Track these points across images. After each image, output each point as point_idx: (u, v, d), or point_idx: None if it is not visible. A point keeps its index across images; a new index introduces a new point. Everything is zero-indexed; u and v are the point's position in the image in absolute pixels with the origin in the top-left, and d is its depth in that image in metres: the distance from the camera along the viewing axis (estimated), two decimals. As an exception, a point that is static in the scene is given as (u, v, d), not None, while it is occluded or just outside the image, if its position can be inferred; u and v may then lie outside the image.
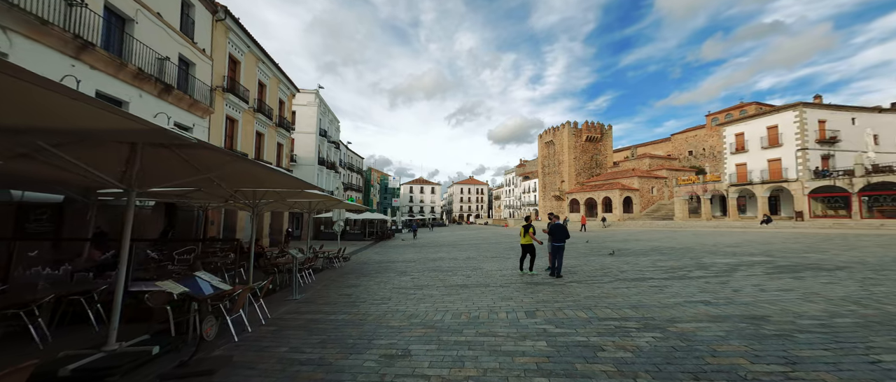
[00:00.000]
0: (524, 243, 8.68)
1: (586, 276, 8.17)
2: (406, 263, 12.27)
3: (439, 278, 8.74)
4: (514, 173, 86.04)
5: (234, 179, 5.40)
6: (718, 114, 55.40)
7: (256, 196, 7.05)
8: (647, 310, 5.11)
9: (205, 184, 5.27)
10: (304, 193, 8.48)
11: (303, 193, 8.38)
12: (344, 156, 45.24)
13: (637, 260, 10.84)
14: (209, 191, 6.68)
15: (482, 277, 8.59)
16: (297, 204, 10.92)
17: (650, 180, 48.32)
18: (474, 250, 16.56)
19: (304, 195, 8.82)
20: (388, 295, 6.90)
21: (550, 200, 61.98)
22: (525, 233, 8.66)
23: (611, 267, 9.47)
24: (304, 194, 8.72)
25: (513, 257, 12.62)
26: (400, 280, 8.70)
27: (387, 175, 73.15)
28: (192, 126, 13.36)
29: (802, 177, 26.44)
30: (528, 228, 8.65)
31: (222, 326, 4.50)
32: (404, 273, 9.87)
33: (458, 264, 11.40)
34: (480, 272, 9.45)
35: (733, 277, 7.57)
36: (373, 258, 14.66)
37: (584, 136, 58.94)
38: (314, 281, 8.76)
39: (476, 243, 21.38)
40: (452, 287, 7.52)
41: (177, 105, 12.36)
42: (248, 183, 5.73)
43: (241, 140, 17.33)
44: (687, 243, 16.10)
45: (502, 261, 11.55)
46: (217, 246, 12.05)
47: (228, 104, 16.00)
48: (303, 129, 31.22)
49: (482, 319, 4.99)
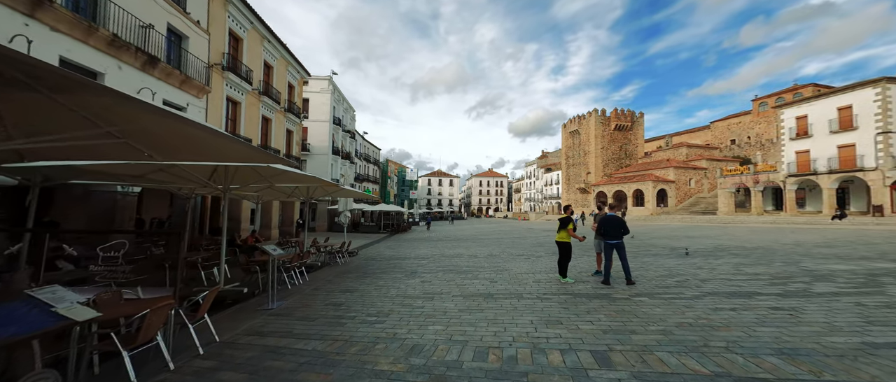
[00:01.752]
0: (560, 241, 6.70)
1: (654, 286, 6.12)
2: (418, 260, 10.57)
3: (456, 282, 6.96)
4: (536, 165, 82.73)
5: (162, 144, 3.75)
6: (767, 98, 50.09)
7: (208, 174, 5.48)
8: (809, 360, 3.07)
9: (117, 150, 3.65)
10: (288, 176, 6.89)
11: (286, 176, 6.78)
12: (360, 146, 44.18)
13: (709, 263, 8.61)
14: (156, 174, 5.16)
15: (511, 283, 6.73)
16: (295, 191, 9.43)
17: (687, 171, 44.34)
18: (496, 245, 14.67)
19: (291, 179, 7.23)
20: (388, 308, 5.19)
21: (575, 193, 58.74)
22: (562, 228, 6.69)
23: (680, 272, 7.35)
24: (289, 177, 7.13)
25: (545, 256, 10.64)
26: (407, 284, 6.98)
27: (404, 167, 72.01)
28: (185, 106, 12.14)
29: (884, 165, 22.53)
30: (567, 223, 6.66)
31: (117, 364, 2.91)
32: (414, 273, 8.15)
33: (479, 263, 9.58)
34: (507, 275, 7.59)
35: (890, 293, 5.32)
36: (383, 253, 13.09)
37: (613, 125, 55.10)
38: (304, 283, 7.20)
39: (497, 237, 19.47)
40: (473, 297, 5.72)
41: (166, 81, 11.11)
42: (188, 152, 4.09)
43: (245, 124, 16.13)
44: (756, 242, 13.49)
45: (532, 261, 9.61)
46: (159, 239, 10.79)
47: (229, 84, 14.75)
48: (316, 118, 30.12)
49: (523, 363, 3.15)
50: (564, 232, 6.61)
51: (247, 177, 6.31)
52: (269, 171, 6.02)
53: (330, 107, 30.69)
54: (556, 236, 6.78)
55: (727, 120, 55.25)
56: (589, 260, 9.28)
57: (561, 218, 6.81)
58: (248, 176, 6.23)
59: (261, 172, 6.06)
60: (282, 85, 19.93)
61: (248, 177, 6.39)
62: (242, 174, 6.25)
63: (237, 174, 6.02)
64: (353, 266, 9.85)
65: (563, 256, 6.67)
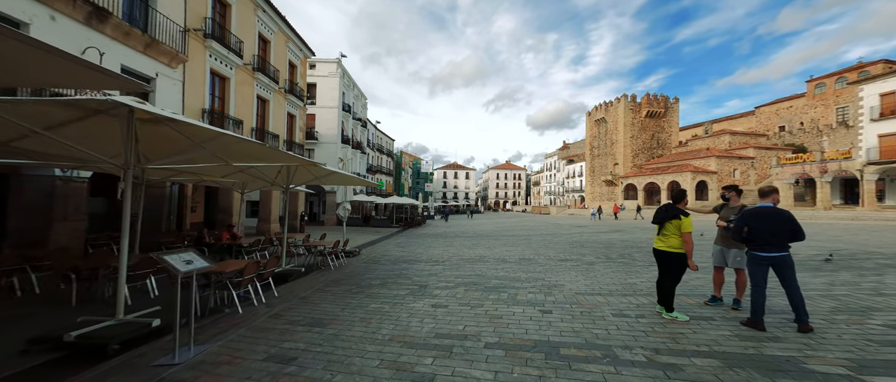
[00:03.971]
0: (664, 249, 4.05)
1: (853, 338, 3.48)
2: (431, 265, 8.22)
3: (486, 310, 4.53)
4: (557, 156, 78.74)
5: None
6: (824, 78, 44.52)
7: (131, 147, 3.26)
8: None
9: None
10: (235, 148, 4.65)
11: (229, 147, 4.54)
12: (372, 135, 42.18)
13: (883, 280, 5.80)
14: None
15: (576, 317, 4.23)
16: (277, 176, 7.26)
17: (731, 161, 39.90)
18: (525, 244, 12.13)
19: (241, 152, 5.00)
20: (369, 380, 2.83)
21: (600, 186, 54.91)
22: (662, 228, 4.08)
23: (858, 300, 4.63)
24: (239, 150, 4.90)
25: (598, 263, 8.04)
26: (411, 310, 4.61)
27: (419, 159, 69.87)
28: (154, 75, 10.15)
29: None
30: (673, 217, 4.02)
31: None
32: (423, 290, 5.77)
33: (512, 271, 7.11)
34: (562, 297, 5.09)
35: None
36: (390, 253, 10.82)
37: (644, 112, 50.74)
38: (264, 305, 4.96)
39: (524, 234, 16.89)
40: (521, 351, 3.28)
41: (123, 41, 9.09)
42: None
43: (236, 103, 14.15)
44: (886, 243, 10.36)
45: (586, 272, 7.05)
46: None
47: (213, 55, 12.72)
48: (324, 104, 28.16)
49: None
50: (675, 234, 3.97)
51: (160, 143, 4.09)
52: (194, 133, 3.76)
53: (339, 93, 28.62)
54: (658, 241, 4.11)
55: (775, 104, 49.76)
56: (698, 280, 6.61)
57: (663, 210, 4.15)
58: (160, 140, 4.01)
59: (182, 132, 3.80)
60: (281, 62, 17.87)
61: (162, 144, 4.17)
62: (150, 137, 4.02)
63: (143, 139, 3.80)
64: (347, 272, 7.60)
65: (667, 276, 4.04)
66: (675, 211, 4.07)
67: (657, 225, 4.17)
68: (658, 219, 4.17)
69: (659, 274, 4.17)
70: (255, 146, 5.04)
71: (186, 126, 3.63)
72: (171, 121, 3.53)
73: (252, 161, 5.59)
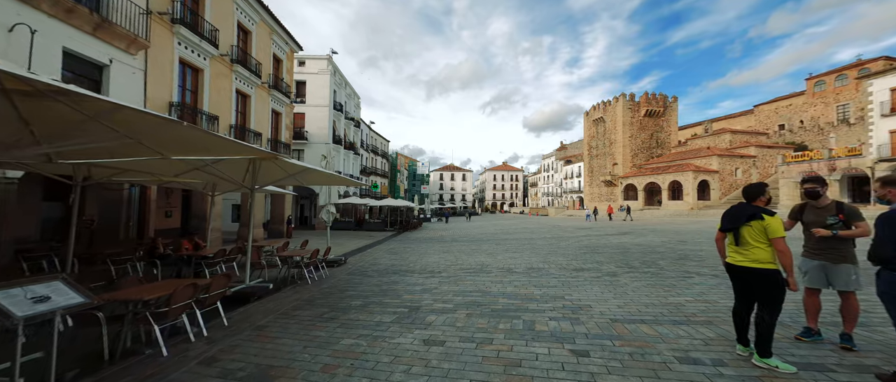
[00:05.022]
0: (746, 265, 2.87)
1: None
2: (425, 278, 7.01)
3: (498, 355, 3.34)
4: (554, 157, 77.94)
5: None
6: (824, 76, 44.08)
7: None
8: None
9: None
10: (178, 137, 3.46)
11: (167, 134, 3.35)
12: (366, 136, 40.91)
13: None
14: None
15: (628, 365, 3.05)
16: (246, 175, 6.06)
17: (733, 160, 39.22)
18: (530, 250, 10.97)
19: (184, 142, 3.82)
20: None
21: (599, 186, 54.07)
22: (739, 237, 2.94)
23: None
24: (181, 140, 3.72)
25: (621, 273, 6.88)
26: (393, 357, 3.40)
27: (415, 160, 68.64)
28: (108, 62, 8.89)
29: None
30: (752, 217, 2.86)
31: None
32: (414, 316, 4.57)
33: (520, 285, 5.94)
34: (593, 326, 3.92)
35: None
36: (380, 261, 9.60)
37: (643, 111, 50.04)
38: (203, 340, 3.74)
39: (525, 237, 15.74)
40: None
41: (65, 20, 7.83)
42: None
43: (212, 97, 12.89)
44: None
45: (611, 286, 5.89)
46: None
47: (182, 42, 11.46)
48: (314, 102, 26.88)
49: None
50: (761, 242, 2.81)
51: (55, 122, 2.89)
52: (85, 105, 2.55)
53: (330, 91, 27.36)
54: (735, 253, 2.96)
55: (775, 102, 49.30)
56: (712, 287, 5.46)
57: (736, 211, 3.02)
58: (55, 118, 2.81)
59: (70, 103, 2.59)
60: (264, 56, 16.63)
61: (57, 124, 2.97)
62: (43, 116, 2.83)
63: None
64: (325, 287, 6.38)
65: (762, 304, 2.82)
66: (754, 209, 2.92)
67: (729, 234, 3.03)
68: (730, 224, 3.03)
69: (737, 300, 3.02)
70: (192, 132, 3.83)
71: (71, 95, 2.42)
72: (55, 92, 2.32)
73: (197, 152, 4.37)
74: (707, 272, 6.54)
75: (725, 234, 3.13)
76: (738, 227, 2.98)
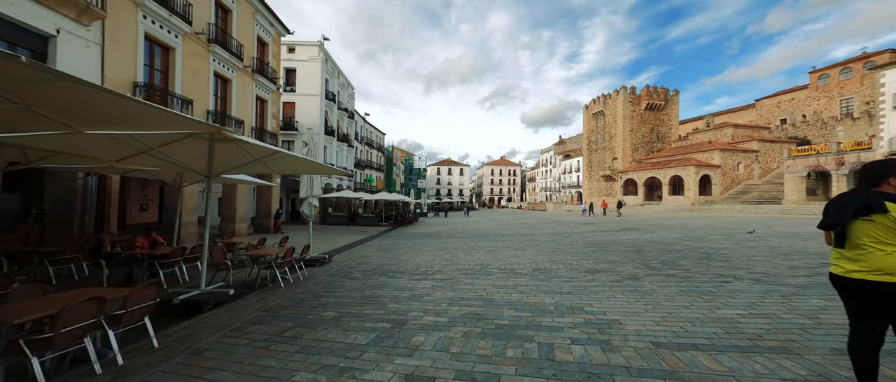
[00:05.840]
0: (870, 279, 1.95)
1: None
2: (416, 281, 6.06)
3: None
4: (553, 152, 77.08)
5: None
6: (828, 69, 43.30)
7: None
8: None
9: None
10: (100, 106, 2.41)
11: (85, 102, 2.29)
12: (361, 128, 39.69)
13: None
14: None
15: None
16: (209, 164, 5.03)
17: (735, 154, 38.50)
18: (532, 247, 10.05)
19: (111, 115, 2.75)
20: None
21: (598, 181, 53.33)
22: (848, 237, 2.05)
23: None
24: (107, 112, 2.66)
25: (646, 277, 5.95)
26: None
27: (412, 154, 67.42)
28: (54, 32, 7.74)
29: None
30: (872, 210, 1.96)
31: None
32: (397, 335, 3.62)
33: (528, 292, 5.01)
34: (633, 356, 2.98)
35: None
36: (368, 260, 8.63)
37: (644, 104, 49.12)
38: (103, 375, 2.75)
39: (526, 233, 14.83)
40: None
41: (-5, -20, 6.68)
42: None
43: (184, 78, 11.74)
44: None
45: (639, 294, 4.97)
46: None
47: (149, 16, 10.28)
48: (305, 91, 25.65)
49: None
50: (888, 242, 1.93)
51: None
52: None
53: (321, 80, 26.11)
54: (844, 262, 2.08)
55: (777, 96, 48.56)
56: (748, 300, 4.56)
57: (846, 200, 2.13)
58: None
59: None
60: (247, 37, 15.44)
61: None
62: None
63: None
64: (299, 292, 5.41)
65: (887, 324, 1.96)
66: (877, 200, 1.99)
67: (834, 233, 2.13)
68: (835, 219, 2.11)
69: (856, 328, 2.10)
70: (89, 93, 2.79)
71: None
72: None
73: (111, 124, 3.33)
74: (744, 275, 5.64)
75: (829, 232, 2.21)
76: (847, 226, 2.06)
